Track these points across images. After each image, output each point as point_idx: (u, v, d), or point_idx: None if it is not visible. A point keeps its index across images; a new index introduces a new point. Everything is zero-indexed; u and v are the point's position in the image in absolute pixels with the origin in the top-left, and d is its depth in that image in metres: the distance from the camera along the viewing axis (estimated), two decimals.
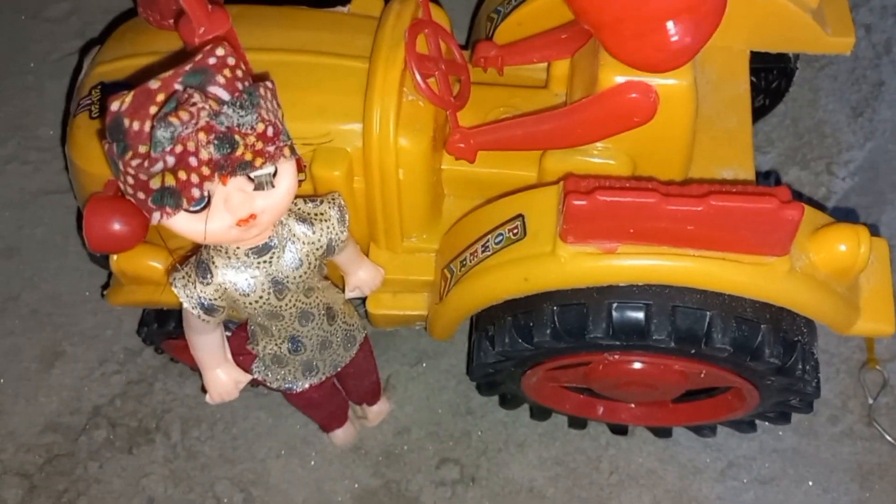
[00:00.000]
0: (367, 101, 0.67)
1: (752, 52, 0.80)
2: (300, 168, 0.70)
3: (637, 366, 0.70)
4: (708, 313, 0.61)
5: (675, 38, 0.57)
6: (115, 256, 0.74)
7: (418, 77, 0.67)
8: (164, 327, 0.81)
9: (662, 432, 0.86)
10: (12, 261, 0.98)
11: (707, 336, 0.62)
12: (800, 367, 0.65)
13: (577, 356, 0.69)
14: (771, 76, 0.89)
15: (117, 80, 0.73)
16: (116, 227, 0.60)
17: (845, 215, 0.97)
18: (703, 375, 0.68)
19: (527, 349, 0.67)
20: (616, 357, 0.67)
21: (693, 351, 0.63)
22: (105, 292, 0.81)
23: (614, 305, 0.62)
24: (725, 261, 0.59)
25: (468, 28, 1.01)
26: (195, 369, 0.75)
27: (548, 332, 0.65)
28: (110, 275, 0.78)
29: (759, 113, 0.96)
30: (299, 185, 0.70)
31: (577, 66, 0.71)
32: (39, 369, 0.92)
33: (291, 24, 0.74)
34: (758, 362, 0.63)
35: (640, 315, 0.62)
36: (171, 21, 0.71)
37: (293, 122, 0.67)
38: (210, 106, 0.49)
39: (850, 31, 0.77)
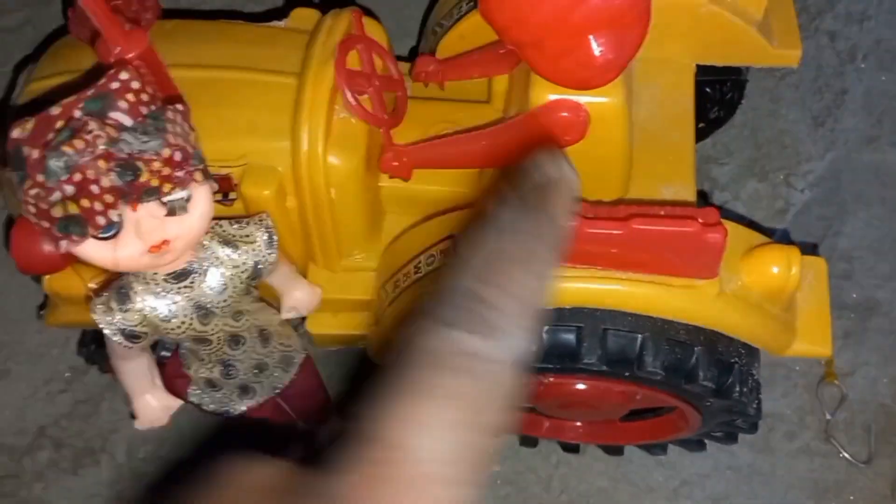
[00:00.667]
0: (296, 119, 0.66)
1: (703, 65, 0.78)
2: (230, 187, 0.69)
3: (578, 386, 0.68)
4: (639, 336, 0.60)
5: (598, 54, 0.55)
6: (46, 277, 0.73)
7: (348, 94, 0.66)
8: (103, 347, 0.79)
9: (614, 450, 0.84)
10: None
11: (639, 359, 0.60)
12: (737, 389, 0.63)
13: None
14: (724, 88, 0.88)
15: (49, 98, 0.71)
16: (45, 248, 0.59)
17: (783, 236, 0.95)
18: (639, 398, 0.67)
19: None
20: (552, 379, 0.66)
21: (626, 374, 0.62)
22: (41, 313, 0.79)
23: (545, 328, 0.61)
24: (654, 284, 0.57)
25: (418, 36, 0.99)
26: None
27: None
28: (46, 295, 0.77)
29: (714, 124, 0.94)
30: (231, 205, 0.70)
31: (514, 83, 0.70)
32: None
33: (225, 39, 0.73)
34: (693, 385, 0.62)
35: (571, 338, 0.61)
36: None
37: (222, 140, 0.67)
38: (108, 133, 0.48)
39: (796, 43, 0.76)
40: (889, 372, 0.91)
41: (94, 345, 0.80)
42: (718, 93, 0.89)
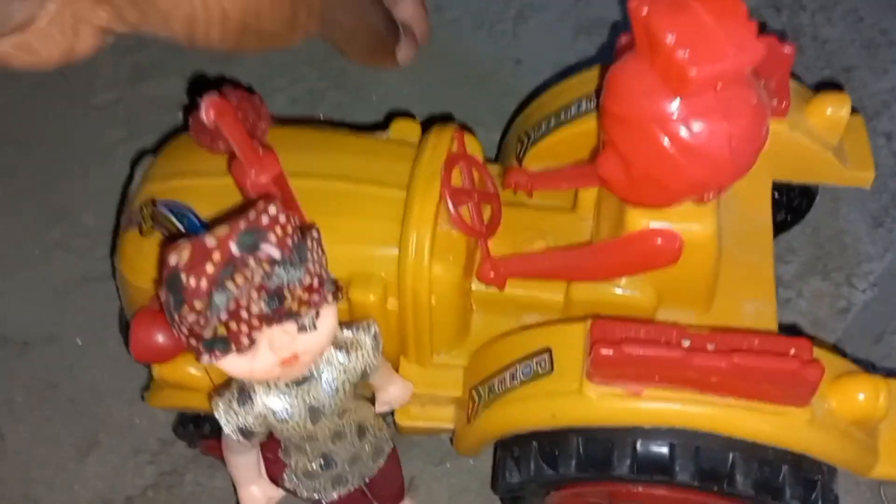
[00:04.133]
0: (404, 231, 0.71)
1: None
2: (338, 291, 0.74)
3: (661, 492, 0.71)
4: (731, 454, 0.63)
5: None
6: (156, 365, 0.77)
7: (452, 210, 0.71)
8: (200, 429, 0.84)
9: None
10: (52, 348, 1.02)
11: (730, 477, 0.63)
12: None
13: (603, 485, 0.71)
14: (793, 195, 0.92)
15: (167, 200, 0.76)
16: (160, 340, 0.64)
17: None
18: None
19: (551, 476, 0.69)
20: (640, 489, 0.69)
21: (716, 489, 0.65)
22: (145, 394, 0.84)
23: (639, 442, 0.64)
24: (748, 409, 0.61)
25: (499, 139, 1.04)
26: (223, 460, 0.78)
27: (573, 462, 0.67)
28: (151, 377, 0.81)
29: (780, 228, 0.98)
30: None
31: (603, 199, 0.74)
32: (75, 459, 0.95)
33: (334, 149, 0.78)
34: (779, 502, 0.65)
35: (665, 452, 0.64)
36: (220, 146, 0.75)
37: (333, 246, 0.71)
38: (263, 268, 0.52)
39: (869, 166, 0.80)
40: None
41: (191, 425, 0.84)
42: (786, 198, 0.93)
